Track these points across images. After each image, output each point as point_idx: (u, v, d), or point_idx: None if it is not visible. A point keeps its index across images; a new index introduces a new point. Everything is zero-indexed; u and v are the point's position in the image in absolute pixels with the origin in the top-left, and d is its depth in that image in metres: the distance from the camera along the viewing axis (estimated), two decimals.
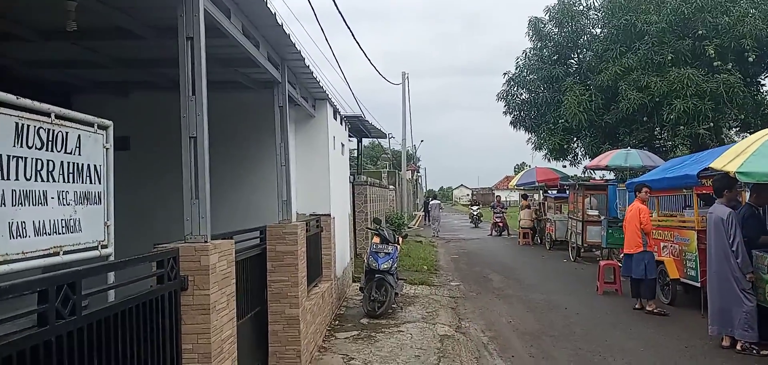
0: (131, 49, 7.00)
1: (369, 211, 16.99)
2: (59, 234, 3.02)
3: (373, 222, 11.72)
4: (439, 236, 27.00)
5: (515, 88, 24.83)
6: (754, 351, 7.04)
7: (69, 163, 3.16)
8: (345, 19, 13.08)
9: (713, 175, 8.22)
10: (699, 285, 9.07)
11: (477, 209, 36.80)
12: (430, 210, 32.05)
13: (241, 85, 8.45)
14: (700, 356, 7.21)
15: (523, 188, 24.96)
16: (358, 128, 15.90)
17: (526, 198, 24.68)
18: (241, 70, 7.72)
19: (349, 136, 16.20)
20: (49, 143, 3.00)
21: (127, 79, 8.66)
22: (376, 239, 10.23)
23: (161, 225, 6.94)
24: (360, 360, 7.05)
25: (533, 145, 25.09)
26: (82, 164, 3.28)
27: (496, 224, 27.31)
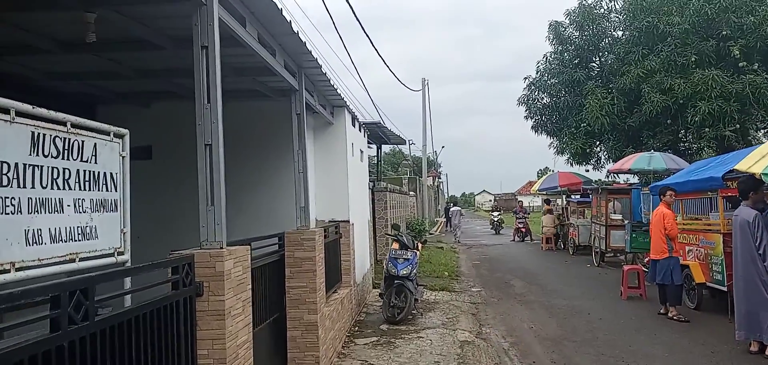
0: (151, 60, 7.12)
1: (389, 217, 16.98)
2: (75, 241, 3.07)
3: (391, 228, 11.70)
4: (461, 242, 26.87)
5: (536, 93, 24.68)
6: None
7: (85, 171, 3.22)
8: (363, 26, 13.09)
9: (738, 177, 8.05)
10: (725, 288, 8.87)
11: (498, 215, 35.19)
12: (450, 216, 31.90)
13: (260, 94, 8.52)
14: (726, 362, 7.04)
15: (545, 192, 24.74)
16: (378, 134, 15.93)
17: (548, 203, 24.44)
18: (259, 79, 7.78)
19: (369, 143, 16.24)
20: (66, 152, 3.05)
21: (148, 90, 8.81)
22: (396, 245, 10.22)
23: (183, 232, 7.02)
24: None
25: (555, 149, 24.91)
26: (99, 172, 3.34)
27: (518, 230, 27.08)
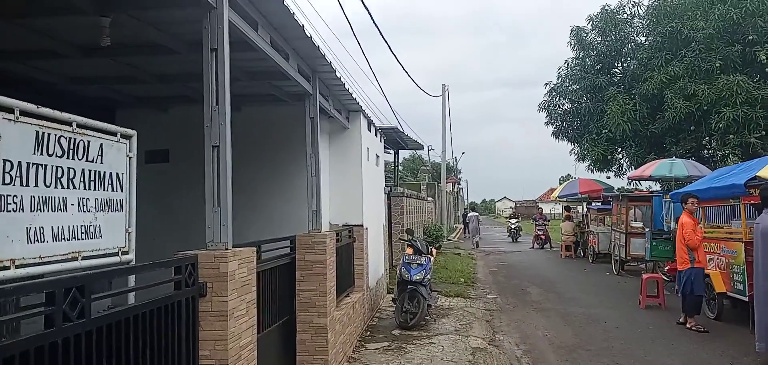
0: (167, 65, 7.20)
1: (405, 222, 16.95)
2: (78, 240, 3.12)
3: (405, 232, 11.66)
4: (479, 248, 26.73)
5: (557, 99, 24.46)
6: None
7: (90, 171, 3.26)
8: (380, 30, 13.12)
9: (761, 184, 7.86)
10: (747, 299, 8.65)
11: (516, 222, 33.61)
12: (468, 222, 31.75)
13: (275, 98, 8.58)
14: None
15: (565, 199, 24.47)
16: (395, 139, 15.92)
17: (569, 210, 24.18)
18: (274, 83, 7.83)
19: (386, 148, 16.25)
20: (71, 151, 3.10)
21: (166, 95, 8.92)
22: (409, 250, 10.19)
23: (200, 234, 7.09)
24: None
25: (576, 156, 24.62)
26: (104, 172, 3.38)
27: (538, 237, 26.84)
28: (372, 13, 12.12)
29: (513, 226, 32.64)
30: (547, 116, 24.61)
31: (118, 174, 3.52)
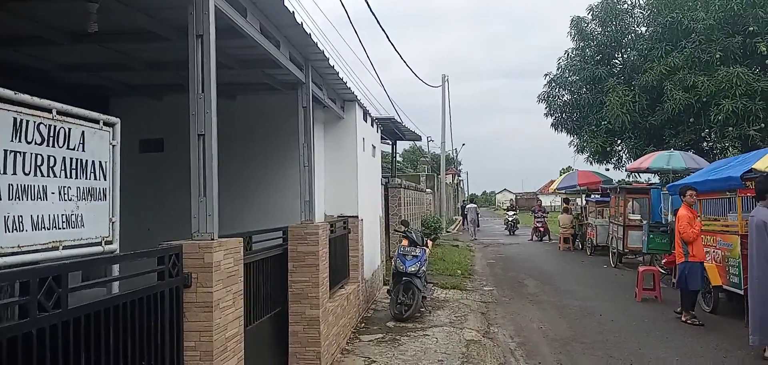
0: (160, 52, 7.13)
1: (403, 214, 16.89)
2: (59, 229, 3.07)
3: (400, 224, 11.63)
4: (478, 240, 26.72)
5: (557, 90, 24.36)
6: None
7: (72, 159, 3.21)
8: (378, 20, 13.03)
9: (757, 176, 7.82)
10: (742, 292, 8.61)
11: (513, 214, 32.64)
12: (466, 214, 31.74)
13: (270, 87, 8.50)
14: None
15: (564, 191, 24.44)
16: (393, 130, 15.86)
17: (568, 202, 24.14)
18: (268, 72, 7.76)
19: (384, 139, 16.19)
20: (51, 139, 3.05)
21: (160, 83, 8.84)
22: (405, 242, 10.15)
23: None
24: (381, 364, 6.98)
25: (575, 148, 24.55)
26: (86, 160, 3.33)
27: (536, 229, 26.83)
28: (370, 2, 12.03)
29: (510, 219, 31.93)
30: (546, 108, 24.55)
31: (101, 162, 3.46)
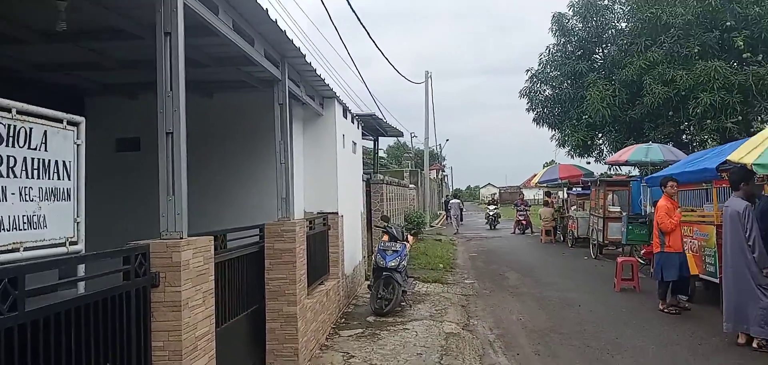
0: (133, 51, 7.04)
1: (386, 210, 16.92)
2: (20, 230, 3.03)
3: (381, 219, 11.64)
4: (460, 234, 26.85)
5: (538, 85, 24.48)
6: None
7: (33, 159, 3.17)
8: (359, 18, 13.02)
9: (731, 168, 7.92)
10: (718, 281, 8.74)
11: (494, 209, 31.83)
12: (449, 209, 31.89)
13: (246, 84, 8.46)
14: (712, 354, 6.94)
15: (546, 185, 24.60)
16: (374, 127, 15.85)
17: (549, 196, 24.32)
18: (244, 69, 7.71)
19: (365, 135, 16.17)
20: (11, 139, 3.00)
21: (134, 81, 8.74)
22: (385, 237, 10.17)
23: None
24: (360, 358, 6.98)
25: (557, 142, 24.71)
26: (49, 160, 3.29)
27: (519, 223, 26.99)
28: (352, 1, 12.00)
29: (491, 213, 31.12)
30: (528, 102, 24.67)
31: (64, 162, 3.42)
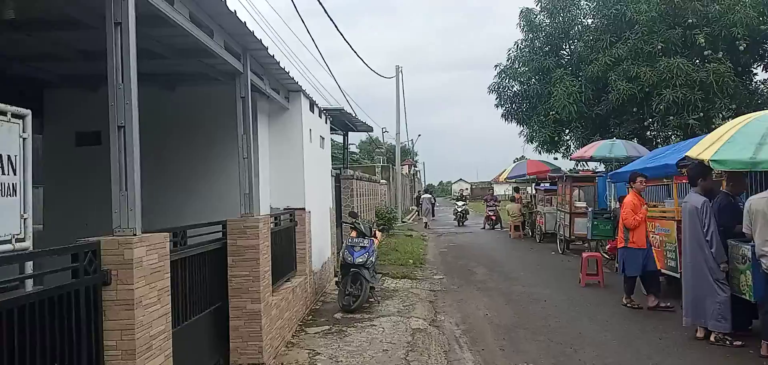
0: (91, 41, 6.81)
1: (356, 206, 16.84)
2: None
3: (348, 215, 11.58)
4: (432, 229, 26.95)
5: (507, 81, 24.65)
6: (727, 342, 6.91)
7: None
8: (326, 11, 12.90)
9: (689, 164, 8.07)
10: (678, 276, 8.91)
11: (463, 204, 30.88)
12: (421, 204, 32.01)
13: (209, 77, 8.30)
14: (672, 347, 7.08)
15: (514, 180, 24.82)
16: (343, 121, 15.74)
17: (518, 191, 24.55)
18: (206, 62, 7.55)
19: (335, 130, 16.06)
20: None
21: (94, 73, 8.50)
22: (353, 233, 10.13)
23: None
24: (326, 356, 6.93)
25: (525, 138, 24.93)
26: None
27: (489, 218, 27.20)
28: None
29: (459, 209, 30.16)
30: (496, 98, 24.82)
31: (9, 157, 3.28)
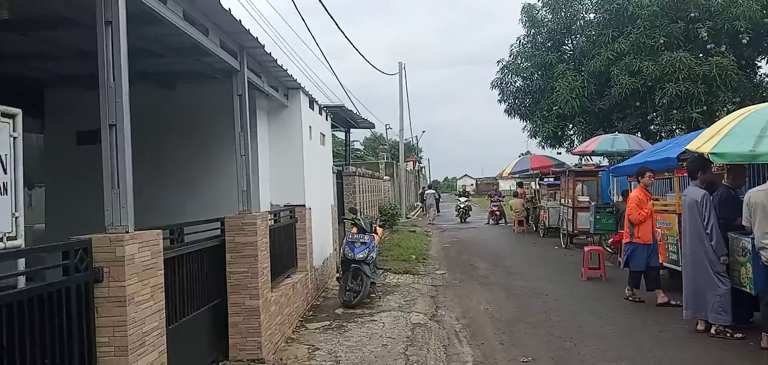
0: (87, 41, 6.84)
1: (359, 202, 16.85)
2: None
3: (348, 211, 11.60)
4: (436, 225, 26.95)
5: (509, 76, 24.59)
6: (728, 335, 6.88)
7: None
8: (327, 9, 12.90)
9: (689, 157, 8.03)
10: (680, 269, 8.87)
11: (465, 201, 30.32)
12: (425, 199, 32.05)
13: (207, 75, 8.31)
14: (672, 340, 7.05)
15: (518, 175, 24.78)
16: (345, 119, 15.76)
17: (521, 186, 24.51)
18: (203, 60, 7.55)
19: (336, 127, 16.08)
20: None
21: (93, 72, 8.52)
22: (354, 229, 10.14)
23: (136, 216, 6.84)
24: (325, 351, 6.94)
25: (528, 133, 24.89)
26: None
27: (493, 213, 27.19)
28: None
29: (462, 206, 29.63)
30: (499, 94, 24.78)
31: (0, 156, 3.30)
